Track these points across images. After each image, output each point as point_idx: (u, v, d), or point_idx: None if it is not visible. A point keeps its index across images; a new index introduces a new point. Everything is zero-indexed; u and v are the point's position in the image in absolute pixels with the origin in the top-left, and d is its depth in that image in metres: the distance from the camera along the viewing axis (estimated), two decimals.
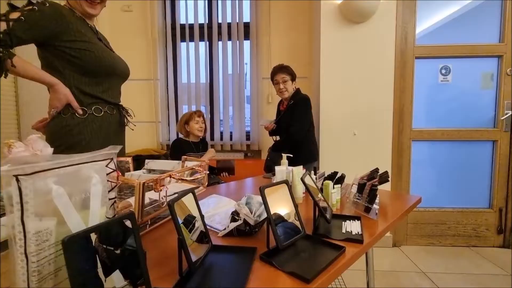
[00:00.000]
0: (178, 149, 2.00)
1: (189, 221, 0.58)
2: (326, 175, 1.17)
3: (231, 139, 2.86)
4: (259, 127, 2.78)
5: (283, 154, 1.14)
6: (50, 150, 0.70)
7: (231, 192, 1.27)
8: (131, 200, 0.68)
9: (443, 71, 2.15)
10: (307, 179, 0.78)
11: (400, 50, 2.08)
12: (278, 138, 2.13)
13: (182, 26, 2.84)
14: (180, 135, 2.23)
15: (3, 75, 0.80)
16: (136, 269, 0.43)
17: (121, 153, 1.15)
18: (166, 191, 0.71)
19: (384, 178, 1.02)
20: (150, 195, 0.74)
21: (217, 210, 0.89)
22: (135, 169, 0.91)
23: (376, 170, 1.13)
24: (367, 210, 0.84)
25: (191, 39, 2.84)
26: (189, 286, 0.48)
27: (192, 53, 2.86)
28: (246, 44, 2.87)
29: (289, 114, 1.89)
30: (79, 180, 0.46)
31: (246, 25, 2.82)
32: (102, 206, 0.50)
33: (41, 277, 0.39)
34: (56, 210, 0.41)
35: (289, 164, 1.83)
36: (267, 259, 0.57)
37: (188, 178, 0.76)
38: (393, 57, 2.07)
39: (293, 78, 1.92)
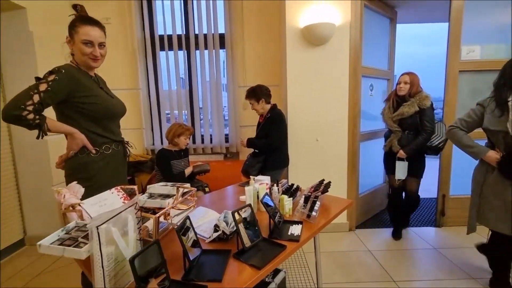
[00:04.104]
0: (164, 159, 2.28)
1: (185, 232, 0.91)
2: (286, 186, 1.53)
3: (211, 142, 3.16)
4: (236, 131, 3.09)
5: (251, 176, 1.47)
6: (82, 190, 1.00)
7: (214, 201, 1.61)
8: (148, 224, 0.99)
9: (370, 87, 2.77)
10: (273, 191, 1.13)
11: (353, 69, 2.45)
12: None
13: (161, 37, 3.02)
14: (165, 144, 2.50)
15: (41, 137, 1.06)
16: (161, 268, 0.76)
17: (125, 176, 1.44)
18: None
19: (325, 188, 1.41)
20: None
21: (204, 220, 1.22)
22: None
23: (322, 181, 1.51)
24: (308, 216, 1.21)
25: (170, 48, 3.04)
26: (191, 276, 0.82)
27: (171, 62, 3.06)
28: (222, 53, 3.12)
29: (267, 126, 2.24)
30: (122, 220, 0.78)
31: (222, 36, 3.05)
32: (134, 233, 0.82)
33: (109, 279, 0.71)
34: (113, 240, 0.73)
35: (266, 169, 2.20)
36: (237, 257, 0.92)
37: (185, 207, 1.09)
38: (347, 75, 2.45)
39: (258, 98, 2.23)
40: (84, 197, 0.98)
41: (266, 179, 1.60)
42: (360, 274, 1.97)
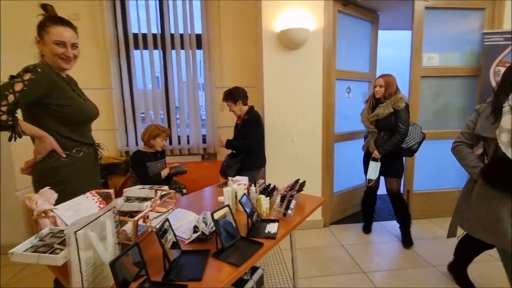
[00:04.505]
0: (139, 161, 2.24)
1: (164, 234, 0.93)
2: (263, 186, 1.58)
3: (188, 143, 3.14)
4: (214, 131, 3.10)
5: (229, 178, 1.50)
6: (55, 195, 0.98)
7: (193, 202, 1.62)
8: (126, 227, 0.99)
9: (348, 90, 2.87)
10: (251, 191, 1.17)
11: (327, 72, 2.57)
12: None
13: (135, 35, 2.94)
14: (140, 145, 2.45)
15: (14, 139, 1.00)
16: (141, 270, 0.77)
17: (98, 180, 1.40)
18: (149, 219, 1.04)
19: (300, 187, 1.48)
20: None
21: (182, 222, 1.23)
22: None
23: (297, 180, 1.58)
24: (284, 214, 1.27)
25: (145, 47, 2.97)
26: (171, 277, 0.84)
27: (146, 61, 3.00)
28: (199, 53, 3.10)
29: (245, 128, 2.28)
30: (100, 225, 0.78)
31: (198, 36, 3.04)
32: (112, 237, 0.82)
33: (87, 284, 0.72)
34: (91, 245, 0.73)
35: (244, 169, 2.24)
36: (216, 256, 0.95)
37: (163, 211, 1.09)
38: (321, 78, 2.56)
39: (235, 100, 2.27)
40: (56, 202, 0.96)
41: (244, 180, 1.64)
42: (334, 268, 2.08)
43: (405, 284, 1.89)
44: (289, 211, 1.27)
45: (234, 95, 2.27)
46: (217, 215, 1.01)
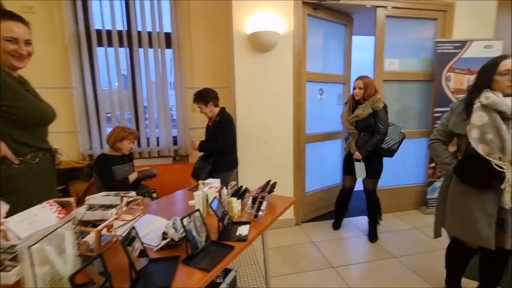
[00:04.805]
0: (104, 165, 2.12)
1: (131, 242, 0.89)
2: (235, 188, 1.59)
3: (158, 145, 3.04)
4: (185, 133, 3.04)
5: (200, 181, 1.48)
6: (6, 207, 0.90)
7: (163, 207, 1.57)
8: (89, 238, 0.93)
9: (320, 92, 2.93)
10: (223, 193, 1.17)
11: (297, 75, 2.64)
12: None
13: (98, 32, 2.78)
14: (106, 148, 2.31)
15: None
16: (105, 282, 0.73)
17: (55, 188, 1.31)
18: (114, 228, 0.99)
19: (272, 188, 1.51)
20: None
21: (151, 228, 1.19)
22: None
23: (268, 182, 1.60)
24: (256, 216, 1.29)
25: (110, 44, 2.82)
26: (138, 287, 0.81)
27: (112, 59, 2.85)
28: (169, 52, 3.02)
29: (216, 129, 2.26)
30: (58, 237, 0.73)
31: (168, 35, 2.95)
32: (72, 249, 0.77)
33: None
34: (48, 259, 0.68)
35: (216, 171, 2.22)
36: (186, 262, 0.94)
37: (129, 218, 1.05)
38: (291, 80, 2.62)
39: (206, 102, 2.24)
40: (8, 214, 0.88)
41: (216, 182, 1.64)
42: (305, 265, 2.15)
43: (371, 276, 2.01)
44: (260, 213, 1.28)
45: (204, 97, 2.24)
46: (186, 220, 1.00)
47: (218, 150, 2.26)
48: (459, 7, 2.90)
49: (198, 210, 1.06)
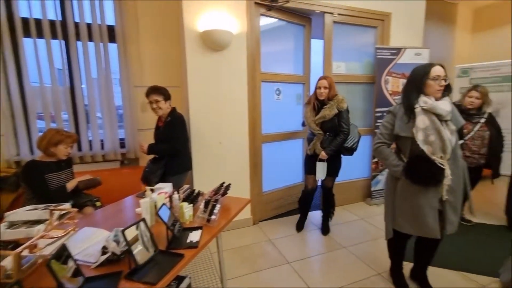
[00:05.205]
0: (34, 173, 1.85)
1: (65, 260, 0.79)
2: (187, 192, 1.52)
3: (102, 148, 2.78)
4: (134, 134, 2.83)
5: (146, 187, 1.39)
6: None
7: (108, 217, 1.43)
8: (6, 262, 0.79)
9: (277, 92, 2.97)
10: (174, 199, 1.10)
11: (251, 75, 2.65)
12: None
13: (25, 20, 2.42)
14: (38, 154, 2.03)
15: None
16: None
17: None
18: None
19: (225, 191, 1.48)
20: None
21: (91, 243, 1.07)
22: None
23: (222, 184, 1.58)
24: (208, 220, 1.25)
25: (40, 35, 2.48)
26: None
27: (43, 53, 2.51)
28: (113, 47, 2.77)
29: (168, 130, 2.13)
30: None
31: (111, 28, 2.71)
32: None
33: None
34: None
35: (168, 174, 2.10)
36: (129, 277, 0.86)
37: (60, 234, 0.92)
38: (246, 80, 2.62)
39: (166, 98, 2.13)
40: None
41: (168, 187, 1.56)
42: (262, 263, 2.17)
43: (323, 267, 2.12)
44: (213, 216, 1.25)
45: (164, 92, 2.11)
46: (130, 232, 0.92)
47: (172, 151, 2.15)
48: (394, 17, 3.22)
49: (143, 219, 0.98)
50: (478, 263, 2.09)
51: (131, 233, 0.95)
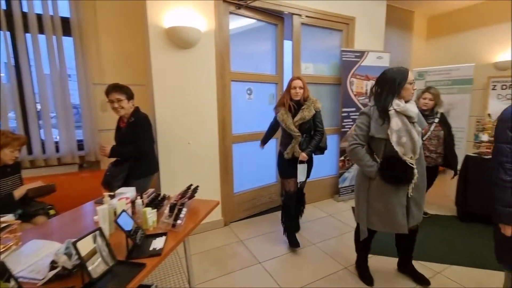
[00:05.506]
0: None
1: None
2: (152, 196, 1.45)
3: (57, 151, 2.54)
4: (94, 136, 2.63)
5: (104, 193, 1.29)
6: None
7: (62, 226, 1.31)
8: None
9: (248, 92, 2.94)
10: (137, 204, 1.02)
11: (220, 74, 2.60)
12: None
13: None
14: None
15: None
16: None
17: None
18: None
19: (193, 193, 1.43)
20: None
21: (39, 257, 0.96)
22: None
23: (189, 186, 1.52)
24: (174, 225, 1.20)
25: None
26: None
27: None
28: (68, 41, 2.55)
29: (132, 131, 2.00)
30: None
31: (65, 20, 2.49)
32: None
33: None
34: None
35: (133, 177, 1.98)
36: None
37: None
38: (215, 79, 2.57)
39: (129, 97, 2.00)
40: None
41: (130, 191, 1.47)
42: (233, 265, 2.15)
43: (293, 265, 2.15)
44: (179, 221, 1.20)
45: (127, 90, 1.98)
46: (84, 243, 0.84)
47: (137, 153, 2.02)
48: (358, 21, 3.37)
49: (99, 228, 0.90)
50: (434, 251, 2.27)
51: (85, 244, 0.87)
